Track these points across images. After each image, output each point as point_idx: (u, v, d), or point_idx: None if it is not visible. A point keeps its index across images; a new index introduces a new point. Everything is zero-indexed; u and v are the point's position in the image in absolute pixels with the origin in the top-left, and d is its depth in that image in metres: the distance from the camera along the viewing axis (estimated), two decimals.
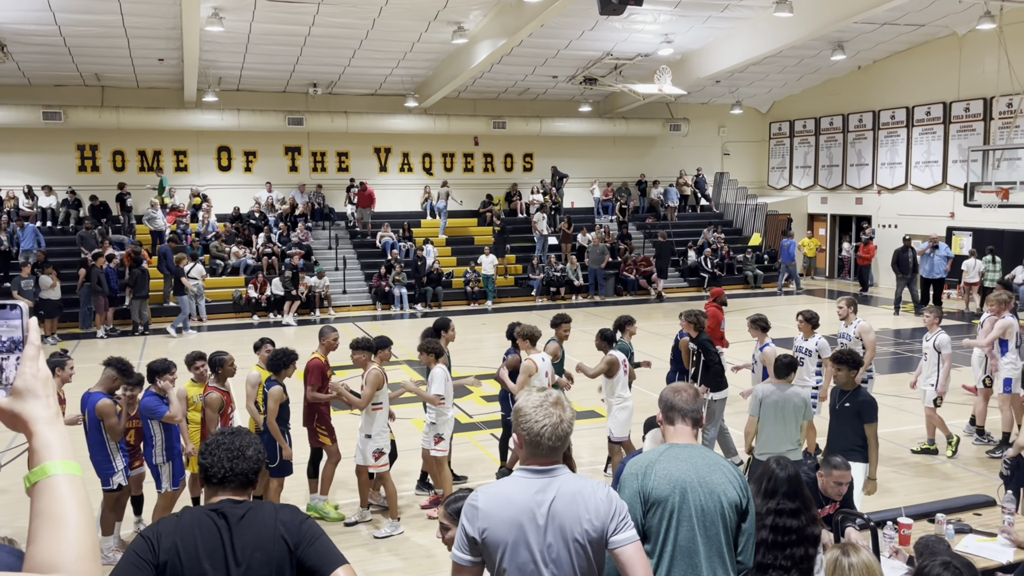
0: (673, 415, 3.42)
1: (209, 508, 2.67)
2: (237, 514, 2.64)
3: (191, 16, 14.98)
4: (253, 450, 2.77)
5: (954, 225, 21.86)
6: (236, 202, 23.03)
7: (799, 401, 6.41)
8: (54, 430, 1.45)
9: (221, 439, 2.79)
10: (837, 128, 26.12)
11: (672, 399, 3.44)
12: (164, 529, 2.59)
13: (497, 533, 2.78)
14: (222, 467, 2.71)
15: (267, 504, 2.76)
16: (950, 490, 7.71)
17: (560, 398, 2.93)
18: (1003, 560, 4.89)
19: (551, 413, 2.85)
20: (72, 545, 1.36)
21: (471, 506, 2.86)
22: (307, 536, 2.63)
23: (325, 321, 19.49)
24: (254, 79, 22.25)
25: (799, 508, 4.13)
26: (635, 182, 27.31)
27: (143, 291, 18.05)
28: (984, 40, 19.93)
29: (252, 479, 2.75)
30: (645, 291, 23.04)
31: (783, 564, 4.03)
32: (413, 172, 25.66)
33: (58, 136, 21.75)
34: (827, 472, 5.15)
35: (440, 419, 7.51)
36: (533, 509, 2.77)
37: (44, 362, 1.52)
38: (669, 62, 21.61)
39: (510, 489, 2.86)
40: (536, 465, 2.86)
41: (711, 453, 3.40)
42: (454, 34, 18.04)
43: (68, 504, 1.39)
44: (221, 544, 2.57)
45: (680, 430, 3.40)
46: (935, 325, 9.15)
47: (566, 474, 2.88)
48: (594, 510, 2.77)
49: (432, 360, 7.49)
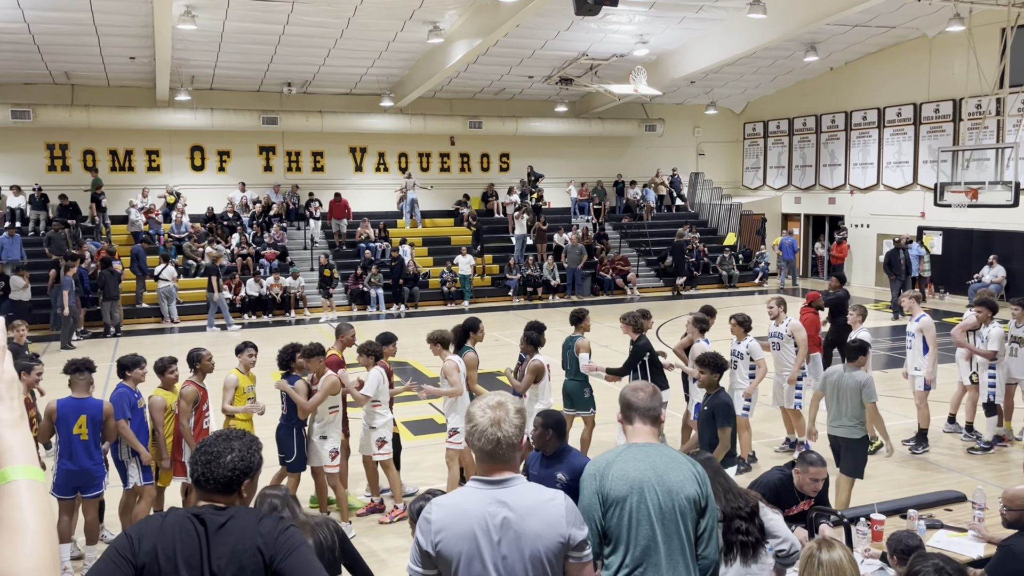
0: (631, 414, 3.40)
1: (192, 512, 2.61)
2: (217, 522, 2.57)
3: (163, 14, 14.80)
4: (232, 457, 2.66)
5: (925, 224, 22.16)
6: (210, 202, 22.80)
7: (854, 384, 6.80)
8: (17, 434, 1.41)
9: (207, 441, 2.73)
10: (810, 129, 26.38)
11: (629, 398, 3.41)
12: (147, 530, 2.54)
13: (451, 546, 2.72)
14: (197, 470, 2.66)
15: (250, 512, 2.66)
16: (922, 486, 7.81)
17: (503, 401, 2.85)
18: (973, 555, 4.96)
19: (491, 415, 2.80)
20: (29, 554, 1.32)
21: (425, 519, 2.80)
22: (283, 549, 2.55)
23: (300, 322, 19.35)
24: (228, 78, 22.04)
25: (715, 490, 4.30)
26: (611, 182, 27.40)
27: (113, 293, 17.80)
28: (953, 42, 20.22)
29: (232, 486, 2.65)
30: (621, 291, 23.13)
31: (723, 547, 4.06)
32: (389, 172, 25.56)
33: (27, 135, 21.40)
34: (803, 469, 5.18)
35: (380, 421, 7.44)
36: (487, 521, 2.72)
37: (10, 363, 1.48)
38: (644, 63, 21.71)
39: (464, 500, 2.80)
40: (489, 476, 2.81)
41: (670, 451, 3.38)
42: (430, 34, 17.99)
43: (27, 511, 1.35)
44: (199, 552, 2.51)
45: (638, 429, 3.37)
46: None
47: (522, 484, 2.81)
48: (552, 524, 2.73)
49: (371, 362, 7.43)
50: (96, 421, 6.42)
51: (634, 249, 25.41)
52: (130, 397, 6.70)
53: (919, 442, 9.17)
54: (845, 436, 6.87)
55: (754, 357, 8.50)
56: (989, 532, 5.10)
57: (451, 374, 7.47)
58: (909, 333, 9.44)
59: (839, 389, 6.89)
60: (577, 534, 2.75)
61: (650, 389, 3.45)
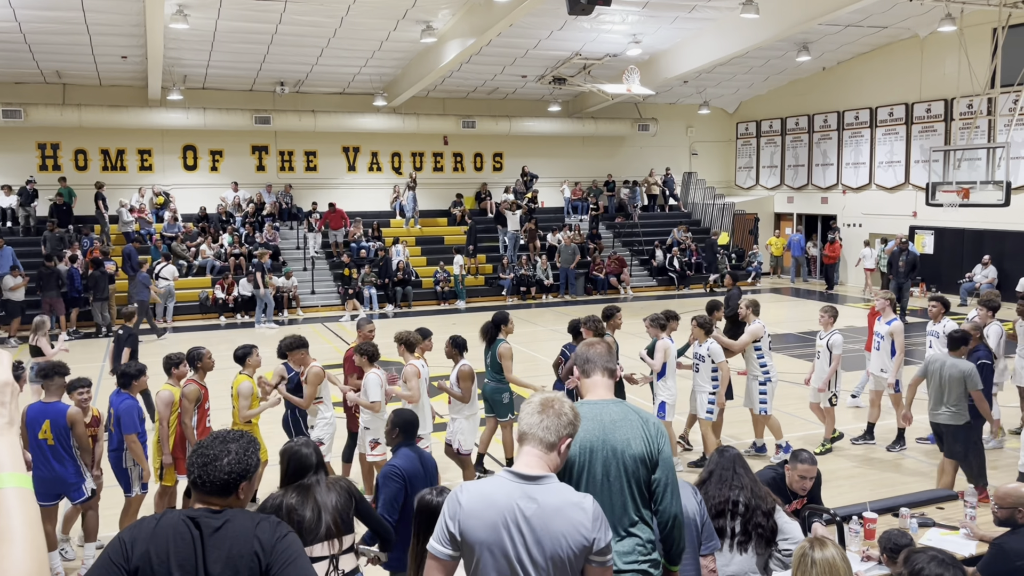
0: (589, 367, 3.46)
1: (186, 515, 2.57)
2: (212, 525, 2.53)
3: (155, 13, 14.75)
4: (229, 460, 2.63)
5: (917, 224, 22.24)
6: (202, 202, 22.74)
7: (957, 373, 7.00)
8: (5, 439, 1.38)
9: (204, 443, 2.70)
10: (803, 128, 26.44)
11: (586, 352, 3.49)
12: (140, 534, 2.50)
13: (475, 533, 2.76)
14: (193, 471, 2.64)
15: (246, 516, 2.62)
16: (915, 485, 7.84)
17: (553, 402, 2.90)
18: (965, 553, 4.97)
19: (538, 411, 2.88)
20: (16, 564, 1.29)
21: (455, 500, 2.83)
22: (282, 558, 2.51)
23: (293, 322, 19.32)
24: (220, 77, 21.98)
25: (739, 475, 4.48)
26: (603, 182, 27.42)
27: (102, 293, 17.70)
28: (945, 42, 20.30)
29: (229, 488, 2.62)
30: (615, 290, 23.15)
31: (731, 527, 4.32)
32: (382, 171, 25.53)
33: (18, 134, 21.29)
34: (792, 466, 5.21)
35: (374, 423, 7.38)
36: (515, 514, 2.75)
37: (4, 367, 1.45)
38: (637, 62, 21.73)
39: (493, 490, 2.83)
40: (523, 469, 2.83)
41: (619, 406, 3.38)
42: (423, 33, 17.97)
43: (15, 520, 1.32)
44: (194, 556, 2.48)
45: (596, 381, 3.45)
46: (830, 325, 9.16)
47: (553, 484, 2.83)
48: (577, 526, 2.75)
49: (367, 363, 7.41)
50: (60, 426, 6.26)
51: (627, 249, 25.45)
52: (140, 410, 6.74)
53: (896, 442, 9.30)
54: (948, 423, 7.10)
55: (715, 360, 8.43)
56: (981, 530, 5.13)
57: (411, 379, 7.34)
58: (878, 334, 9.51)
59: (941, 377, 7.08)
60: (602, 539, 2.76)
61: (604, 345, 3.53)
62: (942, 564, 3.48)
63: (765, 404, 8.80)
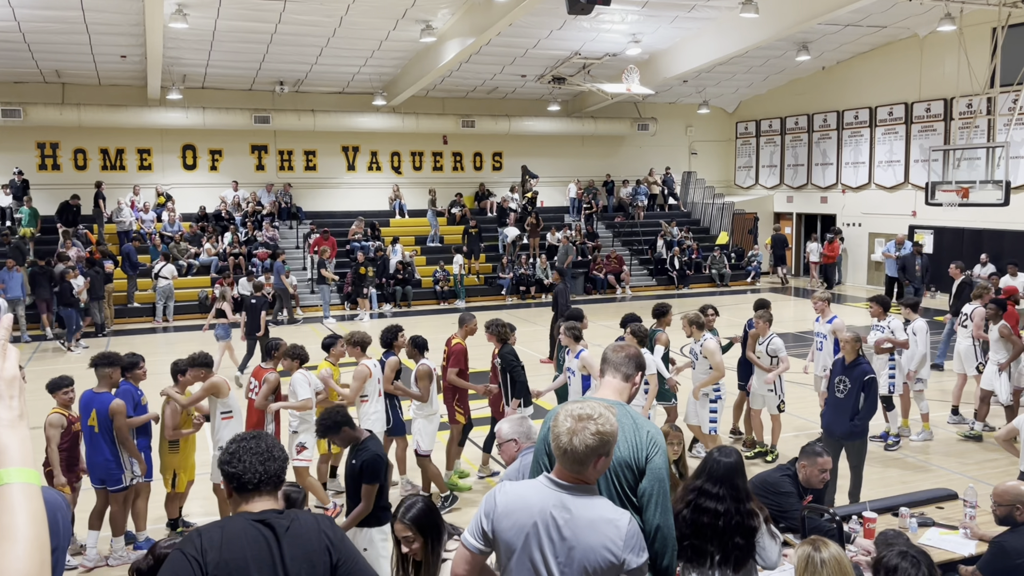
0: (606, 367, 3.50)
1: (253, 519, 2.55)
2: (283, 525, 2.54)
3: (154, 12, 14.74)
4: (279, 450, 2.71)
5: (916, 223, 22.24)
6: (202, 201, 22.73)
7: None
8: (14, 434, 1.37)
9: (245, 444, 2.67)
10: (802, 128, 26.44)
11: (608, 354, 3.51)
12: (208, 544, 2.45)
13: (509, 533, 2.77)
14: (255, 471, 2.60)
15: (307, 514, 2.67)
16: (914, 484, 7.84)
17: (591, 412, 2.74)
18: (965, 553, 4.98)
19: (569, 425, 2.73)
20: (18, 561, 1.27)
21: (493, 497, 2.84)
22: (350, 555, 2.57)
23: (294, 321, 19.30)
24: (219, 77, 21.96)
25: (723, 495, 4.08)
26: (602, 182, 27.43)
27: (98, 292, 17.65)
28: (944, 42, 20.29)
29: (283, 478, 2.70)
30: (613, 289, 23.14)
31: (710, 550, 3.99)
32: (382, 171, 25.52)
33: (17, 134, 21.28)
34: (811, 462, 5.08)
35: (303, 427, 7.26)
36: (548, 523, 2.73)
37: (12, 361, 1.43)
38: (637, 62, 21.73)
39: (531, 493, 2.82)
40: (560, 478, 2.79)
41: (618, 408, 3.23)
42: (422, 32, 17.96)
43: (19, 517, 1.31)
44: (271, 557, 2.48)
45: (607, 382, 3.46)
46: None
47: (591, 497, 2.78)
48: (608, 543, 2.69)
49: (295, 365, 7.29)
50: (103, 415, 6.53)
51: (627, 248, 25.44)
52: (133, 394, 6.82)
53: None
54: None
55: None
56: (981, 530, 5.12)
57: (356, 379, 7.33)
58: (819, 334, 9.49)
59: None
60: (634, 560, 2.70)
61: (631, 350, 3.50)
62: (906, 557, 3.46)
63: (715, 424, 8.46)
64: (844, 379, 7.22)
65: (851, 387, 7.11)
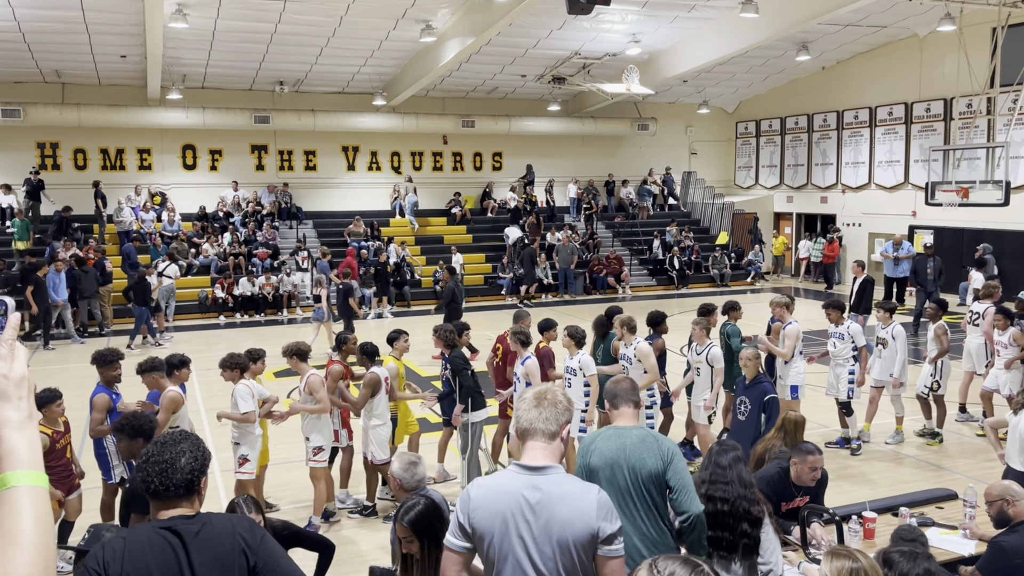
0: (617, 401, 4.03)
1: (159, 526, 2.48)
2: (192, 530, 2.46)
3: (154, 12, 14.74)
4: (187, 460, 2.58)
5: (916, 224, 22.23)
6: (202, 201, 22.73)
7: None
8: (23, 436, 1.35)
9: (152, 452, 2.60)
10: (802, 128, 26.44)
11: (614, 389, 4.07)
12: (111, 555, 2.38)
13: (484, 523, 2.87)
14: (152, 481, 2.54)
15: (222, 517, 2.59)
16: (914, 484, 7.84)
17: (547, 393, 3.03)
18: (965, 552, 4.98)
19: (531, 408, 3.00)
20: (22, 566, 1.26)
21: (466, 494, 2.94)
22: (270, 556, 2.47)
23: (292, 321, 19.30)
24: (219, 76, 21.96)
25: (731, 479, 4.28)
26: (603, 182, 27.42)
27: (87, 291, 17.58)
28: (944, 42, 20.29)
29: (192, 487, 2.57)
30: (613, 289, 23.14)
31: (723, 536, 4.14)
32: (382, 171, 25.52)
33: (17, 134, 21.28)
34: (801, 459, 5.11)
35: (246, 439, 7.01)
36: (521, 504, 2.84)
37: (21, 361, 1.41)
38: (637, 62, 21.72)
39: (502, 483, 2.95)
40: (529, 462, 2.93)
41: (639, 431, 3.90)
42: (422, 32, 17.96)
43: (25, 521, 1.29)
44: (177, 564, 2.40)
45: (623, 412, 4.02)
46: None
47: (559, 475, 2.92)
48: (582, 513, 2.80)
49: (236, 376, 7.05)
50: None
51: (627, 248, 25.44)
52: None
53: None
54: None
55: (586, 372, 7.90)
56: (980, 530, 5.12)
57: (317, 389, 7.17)
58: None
59: None
60: (607, 527, 2.81)
61: (629, 381, 4.12)
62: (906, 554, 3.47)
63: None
64: (745, 400, 6.88)
65: (751, 408, 6.74)
